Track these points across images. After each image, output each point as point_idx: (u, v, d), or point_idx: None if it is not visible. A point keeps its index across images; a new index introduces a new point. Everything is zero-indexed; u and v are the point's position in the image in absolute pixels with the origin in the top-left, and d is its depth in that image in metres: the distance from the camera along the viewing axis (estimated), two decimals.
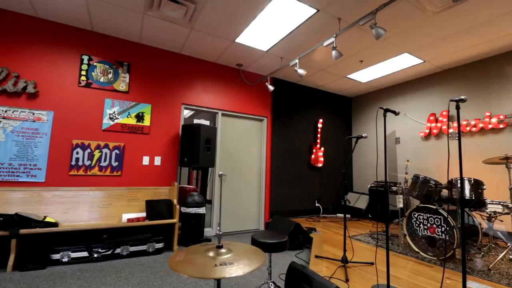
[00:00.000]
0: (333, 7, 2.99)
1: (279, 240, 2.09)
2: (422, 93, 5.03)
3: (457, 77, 4.53)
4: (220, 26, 3.44)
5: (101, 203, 3.43)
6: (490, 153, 4.00)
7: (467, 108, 4.34)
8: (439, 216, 2.95)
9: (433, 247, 3.00)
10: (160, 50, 4.10)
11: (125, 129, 3.72)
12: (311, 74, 5.05)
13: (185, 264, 1.26)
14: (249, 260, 1.32)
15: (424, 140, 4.90)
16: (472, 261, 2.91)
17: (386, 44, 3.81)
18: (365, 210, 5.37)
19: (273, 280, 2.16)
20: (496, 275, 2.55)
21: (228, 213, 4.54)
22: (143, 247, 3.25)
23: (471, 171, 4.16)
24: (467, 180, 2.98)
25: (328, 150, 5.95)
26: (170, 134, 4.06)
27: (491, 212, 2.98)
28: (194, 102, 4.32)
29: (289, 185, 5.26)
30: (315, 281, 1.72)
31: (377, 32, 2.64)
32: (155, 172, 3.88)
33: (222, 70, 4.66)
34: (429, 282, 2.42)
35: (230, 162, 4.64)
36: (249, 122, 4.97)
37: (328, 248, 3.36)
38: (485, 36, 3.55)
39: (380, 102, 5.85)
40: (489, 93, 4.11)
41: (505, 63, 3.98)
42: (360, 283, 2.38)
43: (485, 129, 4.09)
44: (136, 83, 3.87)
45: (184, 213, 3.63)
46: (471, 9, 2.98)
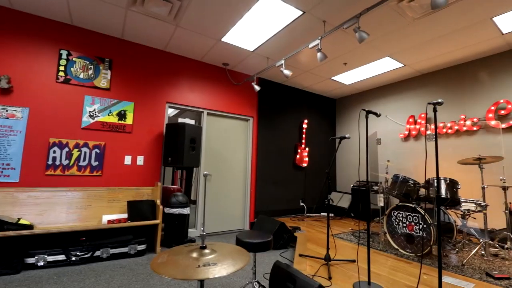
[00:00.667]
0: (318, 10, 3.04)
1: (263, 239, 2.10)
2: (402, 96, 5.21)
3: (435, 81, 4.73)
4: (206, 24, 3.40)
5: (80, 204, 3.30)
6: (464, 154, 4.22)
7: (444, 111, 4.54)
8: (417, 214, 3.07)
9: (411, 244, 3.12)
10: (144, 46, 4.00)
11: (106, 128, 3.60)
12: (297, 75, 5.10)
13: (167, 265, 1.24)
14: (233, 260, 1.32)
15: (403, 141, 5.08)
16: (447, 257, 3.05)
17: (369, 47, 3.92)
18: (347, 209, 5.50)
19: (257, 280, 2.16)
20: (470, 270, 2.69)
21: (213, 213, 4.50)
22: (125, 249, 3.16)
23: (447, 171, 4.36)
24: (443, 179, 3.12)
25: (313, 150, 6.04)
26: (153, 133, 3.97)
27: (465, 210, 3.14)
28: (179, 100, 4.25)
29: (274, 185, 5.29)
30: (298, 279, 1.74)
31: (360, 36, 2.71)
32: (138, 172, 3.78)
33: (208, 69, 4.62)
34: (408, 278, 2.51)
35: (215, 162, 4.61)
36: (235, 122, 4.96)
37: (312, 247, 3.42)
38: (460, 43, 3.73)
39: (363, 104, 6.01)
40: (464, 97, 4.33)
41: (478, 69, 4.20)
42: (342, 280, 2.43)
43: (460, 131, 4.30)
44: (118, 80, 3.76)
45: (167, 213, 3.57)
46: (447, 17, 3.13)
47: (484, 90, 4.11)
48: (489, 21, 3.18)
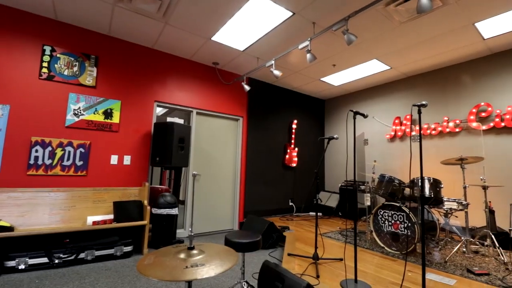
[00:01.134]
0: (308, 11, 3.07)
1: (252, 239, 2.10)
2: (389, 98, 5.34)
3: (420, 84, 4.87)
4: (196, 23, 3.37)
5: (64, 205, 3.20)
6: (447, 155, 4.36)
7: (428, 113, 4.68)
8: (402, 213, 3.16)
9: (396, 242, 3.19)
10: (131, 44, 3.92)
11: (91, 126, 3.51)
12: (287, 75, 5.13)
13: (154, 267, 1.22)
14: (221, 261, 1.31)
15: (390, 142, 5.20)
16: (431, 254, 3.15)
17: (357, 49, 3.99)
18: (335, 208, 5.58)
19: (246, 280, 2.16)
20: (452, 266, 2.78)
21: (202, 213, 4.47)
22: (110, 251, 3.09)
23: (431, 171, 4.50)
24: (427, 179, 3.22)
25: (302, 150, 6.09)
26: (141, 132, 3.90)
27: (447, 208, 3.24)
28: (168, 99, 4.19)
29: (263, 185, 5.30)
30: (287, 278, 1.75)
31: (348, 38, 2.75)
32: (124, 172, 3.70)
33: (197, 67, 4.58)
34: (393, 275, 2.57)
35: (204, 162, 4.57)
36: (225, 122, 4.93)
37: (300, 246, 3.45)
38: (444, 47, 3.85)
39: (351, 105, 6.12)
40: (447, 100, 4.48)
41: (461, 72, 4.36)
42: (330, 279, 2.47)
43: (443, 132, 4.45)
44: (105, 77, 3.67)
45: (155, 214, 3.51)
46: (432, 22, 3.22)
47: (466, 93, 4.27)
48: (471, 26, 3.30)
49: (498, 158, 3.85)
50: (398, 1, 2.83)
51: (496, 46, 3.80)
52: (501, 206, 3.73)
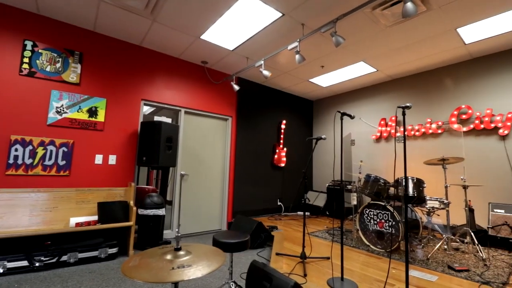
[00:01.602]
0: (297, 13, 3.09)
1: (240, 239, 2.10)
2: (375, 99, 5.46)
3: (405, 86, 5.01)
4: (184, 21, 3.33)
5: (45, 206, 3.09)
6: (430, 155, 4.50)
7: (412, 114, 4.82)
8: (387, 211, 3.24)
9: (381, 240, 3.27)
10: (118, 40, 3.83)
11: (75, 125, 3.40)
12: (276, 76, 5.16)
13: (139, 268, 1.20)
14: (208, 261, 1.30)
15: (375, 143, 5.32)
16: (414, 252, 3.24)
17: (345, 52, 4.06)
18: (323, 208, 5.66)
19: (234, 280, 2.16)
20: (434, 263, 2.88)
21: (189, 214, 4.42)
22: (94, 253, 3.00)
23: (414, 171, 4.63)
24: (410, 179, 3.31)
25: (290, 150, 6.14)
26: (127, 131, 3.81)
27: (430, 207, 3.35)
28: (155, 98, 4.12)
29: (252, 185, 5.31)
30: (275, 278, 1.76)
31: (337, 40, 2.79)
32: (110, 172, 3.61)
33: (186, 66, 4.52)
34: (378, 272, 2.64)
35: (192, 162, 4.53)
36: (214, 121, 4.90)
37: (288, 245, 3.47)
38: (427, 51, 3.98)
39: (339, 106, 6.21)
40: (431, 102, 4.63)
41: (443, 76, 4.51)
42: (317, 277, 2.50)
43: (426, 133, 4.59)
44: (89, 74, 3.57)
45: (141, 215, 3.45)
46: (416, 27, 3.32)
47: (448, 96, 4.42)
48: (454, 31, 3.42)
49: (477, 158, 4.02)
50: (385, 5, 2.90)
51: (477, 51, 3.96)
52: (480, 204, 3.89)
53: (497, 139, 3.85)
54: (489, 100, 3.97)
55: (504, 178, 3.74)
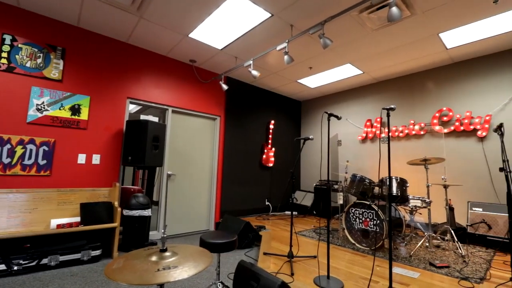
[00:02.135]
0: (286, 14, 3.11)
1: (228, 239, 2.09)
2: (361, 101, 5.57)
3: (389, 89, 5.14)
4: (172, 18, 3.28)
5: (24, 208, 2.97)
6: (413, 155, 4.65)
7: (396, 116, 4.96)
8: (372, 210, 3.31)
9: (366, 238, 3.35)
10: (103, 36, 3.73)
11: (56, 123, 3.28)
12: (265, 76, 5.17)
13: (123, 271, 1.17)
14: (195, 262, 1.29)
15: (361, 143, 5.44)
16: (397, 250, 3.34)
17: (333, 54, 4.12)
18: (310, 207, 5.72)
19: (221, 281, 2.15)
20: (416, 260, 2.97)
21: (177, 214, 4.36)
22: (77, 256, 2.91)
23: (398, 171, 4.77)
24: (394, 179, 3.41)
25: (278, 150, 6.17)
26: (112, 130, 3.72)
27: (412, 206, 3.46)
28: (142, 96, 4.04)
29: (240, 185, 5.30)
30: (262, 277, 1.76)
31: (324, 42, 2.83)
32: (93, 171, 3.51)
33: (174, 64, 4.46)
34: (363, 270, 2.69)
35: (180, 161, 4.47)
36: (202, 121, 4.86)
37: (276, 245, 3.49)
38: (411, 55, 4.10)
39: (326, 107, 6.30)
40: (414, 104, 4.77)
41: (426, 79, 4.67)
42: (303, 276, 2.52)
43: (409, 134, 4.74)
44: (72, 71, 3.45)
45: (126, 216, 3.37)
46: (400, 31, 3.42)
47: (430, 98, 4.58)
48: (436, 36, 3.54)
49: (457, 159, 4.18)
50: (371, 9, 2.97)
51: (458, 56, 4.12)
52: (460, 203, 4.05)
53: (476, 141, 4.02)
54: (469, 103, 4.14)
55: (482, 178, 3.91)
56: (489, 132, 3.90)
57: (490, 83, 3.97)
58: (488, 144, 3.90)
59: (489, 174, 3.85)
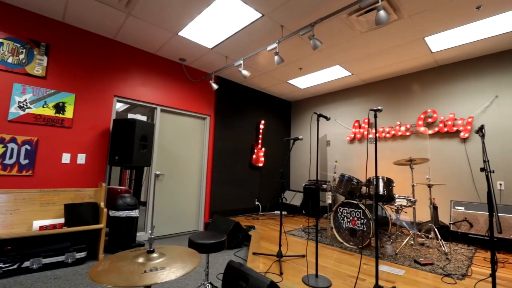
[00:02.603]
0: (277, 14, 3.13)
1: (217, 240, 2.08)
2: (350, 102, 5.67)
3: (377, 90, 5.25)
4: (162, 16, 3.24)
5: (5, 209, 2.85)
6: (399, 156, 4.76)
7: (384, 117, 5.06)
8: (359, 210, 3.37)
9: (354, 237, 3.40)
10: (89, 33, 3.63)
11: (39, 121, 3.18)
12: (255, 76, 5.17)
13: (109, 273, 1.15)
14: (183, 263, 1.28)
15: (350, 144, 5.53)
16: (383, 248, 3.41)
17: (322, 55, 4.16)
18: (299, 207, 5.77)
19: (210, 281, 2.13)
20: (401, 258, 3.04)
21: (165, 215, 4.30)
22: (61, 258, 2.83)
23: (385, 171, 4.87)
24: (381, 178, 3.48)
25: (268, 150, 6.19)
26: (98, 129, 3.63)
27: (398, 205, 3.54)
28: (129, 95, 3.96)
29: (230, 185, 5.28)
30: (251, 277, 1.77)
31: (314, 43, 2.86)
32: (78, 171, 3.41)
33: (163, 63, 4.40)
34: (350, 268, 2.74)
35: (168, 161, 4.41)
36: (191, 120, 4.81)
37: (265, 245, 3.50)
38: (398, 58, 4.20)
39: (316, 107, 6.37)
40: (400, 106, 4.89)
41: (412, 81, 4.79)
42: (292, 275, 2.54)
43: (396, 135, 4.85)
44: (57, 68, 3.35)
45: (113, 217, 3.30)
46: (388, 34, 3.49)
47: (416, 100, 4.70)
48: (422, 40, 3.64)
49: (441, 159, 4.31)
50: (360, 12, 3.02)
51: (442, 59, 4.25)
52: (443, 202, 4.18)
53: (459, 142, 4.16)
54: (452, 105, 4.28)
55: (465, 178, 4.05)
56: (471, 134, 4.04)
57: (472, 86, 4.12)
58: (470, 145, 4.04)
59: (471, 174, 4.00)
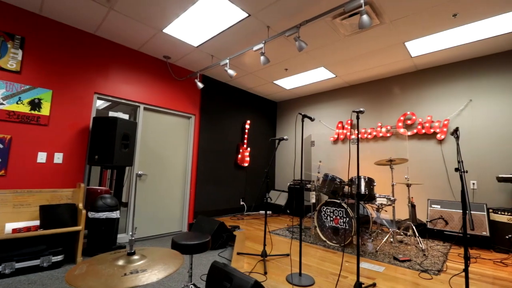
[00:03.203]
0: (263, 15, 3.13)
1: (200, 240, 2.06)
2: (334, 103, 5.78)
3: (360, 93, 5.39)
4: (145, 12, 3.16)
5: None
6: (379, 156, 4.91)
7: (366, 119, 5.21)
8: (342, 209, 3.45)
9: (336, 235, 3.48)
10: (68, 27, 3.48)
11: (13, 118, 3.01)
12: (241, 76, 5.16)
13: (86, 276, 1.11)
14: (164, 265, 1.25)
15: (333, 144, 5.64)
16: (365, 245, 3.51)
17: (307, 57, 4.22)
18: (284, 206, 5.82)
19: (193, 283, 2.11)
20: (381, 255, 3.14)
21: (148, 216, 4.20)
22: (35, 262, 2.69)
23: (366, 171, 5.01)
24: (363, 178, 3.57)
25: (254, 150, 6.20)
26: (77, 127, 3.49)
27: (379, 204, 3.65)
28: (111, 92, 3.84)
29: (215, 185, 5.24)
30: (235, 277, 1.76)
31: (300, 45, 2.90)
32: (55, 171, 3.27)
33: (146, 60, 4.29)
34: (333, 266, 2.80)
35: (152, 161, 4.31)
36: (176, 119, 4.73)
37: (249, 244, 3.50)
38: (379, 61, 4.33)
39: (301, 108, 6.45)
40: (381, 108, 5.05)
41: (392, 84, 4.96)
42: (276, 274, 2.56)
43: (377, 136, 5.00)
44: (33, 62, 3.18)
45: (92, 218, 3.18)
46: (370, 38, 3.59)
47: (396, 102, 4.87)
48: (402, 45, 3.77)
49: (419, 160, 4.49)
50: (344, 16, 3.09)
51: (421, 64, 4.42)
52: (421, 201, 4.36)
53: (435, 143, 4.35)
54: (430, 108, 4.47)
55: (441, 178, 4.25)
56: (447, 135, 4.24)
57: (448, 90, 4.32)
58: (446, 146, 4.24)
59: (446, 174, 4.19)
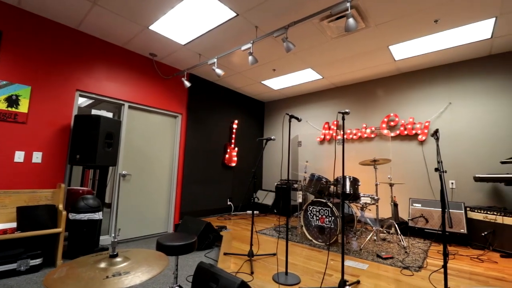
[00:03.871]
0: (251, 15, 3.13)
1: (186, 241, 2.03)
2: (321, 104, 5.87)
3: (346, 94, 5.50)
4: (131, 8, 3.08)
5: None
6: (364, 156, 5.03)
7: (351, 119, 5.32)
8: (328, 208, 3.51)
9: (322, 234, 3.53)
10: (49, 21, 3.35)
11: None
12: (229, 75, 5.14)
13: (66, 280, 1.07)
14: (149, 267, 1.23)
15: (320, 144, 5.73)
16: (349, 244, 3.58)
17: (295, 58, 4.26)
18: (271, 206, 5.85)
19: (179, 284, 2.08)
20: (365, 253, 3.22)
21: (132, 217, 4.11)
22: (12, 266, 2.57)
23: (351, 171, 5.12)
24: (348, 178, 3.65)
25: (241, 150, 6.19)
26: (57, 125, 3.36)
27: (363, 203, 3.74)
28: (93, 89, 3.72)
29: (202, 185, 5.19)
30: (222, 278, 1.75)
31: (287, 46, 2.92)
32: (34, 171, 3.13)
33: (131, 57, 4.19)
34: (319, 265, 2.84)
35: (136, 161, 4.22)
36: (162, 118, 4.65)
37: (236, 244, 3.49)
38: (364, 64, 4.44)
39: (288, 109, 6.50)
40: (366, 109, 5.17)
41: (377, 86, 5.09)
42: (263, 274, 2.57)
43: (362, 137, 5.12)
44: (10, 57, 3.04)
45: (73, 220, 3.07)
46: (355, 42, 3.67)
47: (380, 104, 5.01)
48: (386, 48, 3.88)
49: (401, 160, 4.64)
50: (330, 18, 3.14)
51: (404, 67, 4.57)
52: (403, 200, 4.50)
53: (417, 144, 4.50)
54: (412, 110, 4.62)
55: (422, 177, 4.40)
56: (427, 137, 4.40)
57: (429, 93, 4.48)
58: (427, 147, 4.40)
59: (427, 173, 4.35)
